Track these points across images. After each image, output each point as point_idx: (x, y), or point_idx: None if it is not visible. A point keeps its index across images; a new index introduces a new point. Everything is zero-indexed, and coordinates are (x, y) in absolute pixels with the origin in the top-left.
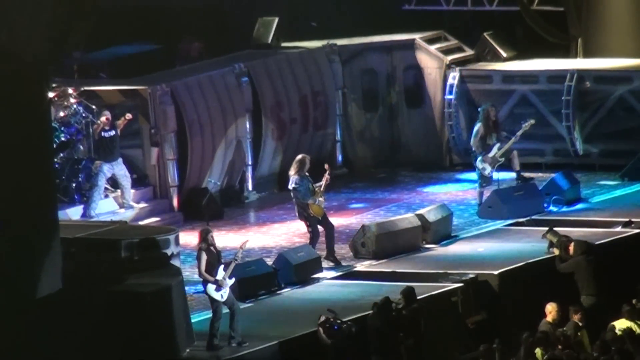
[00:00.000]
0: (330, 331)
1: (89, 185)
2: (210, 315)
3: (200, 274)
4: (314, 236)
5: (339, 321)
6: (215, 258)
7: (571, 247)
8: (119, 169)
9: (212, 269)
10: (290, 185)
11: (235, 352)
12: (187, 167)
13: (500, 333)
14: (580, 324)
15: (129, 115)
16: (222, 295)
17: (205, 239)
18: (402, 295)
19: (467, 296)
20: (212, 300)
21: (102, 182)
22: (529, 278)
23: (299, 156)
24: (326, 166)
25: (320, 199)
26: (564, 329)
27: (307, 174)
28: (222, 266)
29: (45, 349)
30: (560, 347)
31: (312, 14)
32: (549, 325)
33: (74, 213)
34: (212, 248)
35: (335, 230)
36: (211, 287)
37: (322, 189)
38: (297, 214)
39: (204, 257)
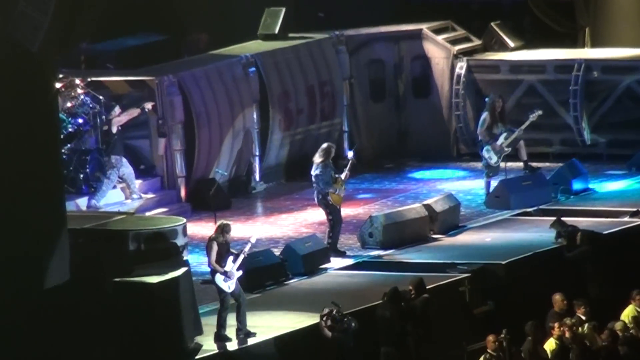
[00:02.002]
0: (332, 324)
1: (98, 176)
2: (218, 306)
3: (210, 264)
4: (334, 224)
5: (340, 314)
6: (225, 249)
7: (578, 237)
8: (125, 163)
9: (221, 259)
10: (313, 172)
11: (242, 343)
12: (195, 158)
13: (507, 323)
14: (583, 317)
15: (148, 106)
16: (229, 286)
17: (221, 233)
18: (412, 285)
19: (474, 286)
20: (220, 291)
21: (115, 177)
22: (537, 268)
23: (325, 144)
24: (350, 154)
25: (341, 188)
26: (573, 320)
27: (331, 162)
28: (231, 257)
29: (52, 339)
30: (568, 336)
31: (319, 4)
32: (556, 315)
33: (84, 203)
34: (223, 242)
35: (343, 221)
36: (219, 278)
37: (343, 179)
38: (316, 200)
39: (215, 247)
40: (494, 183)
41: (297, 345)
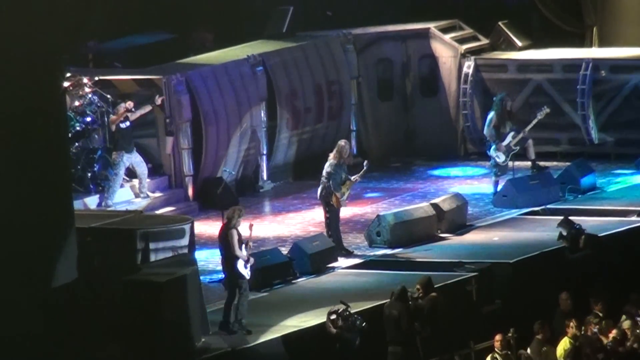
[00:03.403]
0: (339, 323)
1: (106, 175)
2: (223, 302)
3: (234, 251)
4: (330, 221)
5: (348, 313)
6: (241, 237)
7: (582, 241)
8: (136, 158)
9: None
10: (327, 168)
11: (243, 343)
12: (202, 157)
13: (515, 322)
14: (600, 314)
15: (147, 107)
16: (248, 272)
17: (238, 217)
18: (420, 284)
19: (481, 285)
20: (240, 279)
21: (122, 172)
22: (544, 267)
23: (341, 141)
24: (365, 162)
25: (346, 192)
26: (594, 319)
27: (344, 162)
28: (243, 245)
29: (60, 337)
30: (590, 333)
31: (327, 3)
32: (562, 314)
33: (92, 202)
34: (239, 230)
35: (351, 220)
36: (241, 264)
37: (352, 180)
38: (318, 195)
39: (235, 235)
40: (501, 182)
41: (304, 344)
